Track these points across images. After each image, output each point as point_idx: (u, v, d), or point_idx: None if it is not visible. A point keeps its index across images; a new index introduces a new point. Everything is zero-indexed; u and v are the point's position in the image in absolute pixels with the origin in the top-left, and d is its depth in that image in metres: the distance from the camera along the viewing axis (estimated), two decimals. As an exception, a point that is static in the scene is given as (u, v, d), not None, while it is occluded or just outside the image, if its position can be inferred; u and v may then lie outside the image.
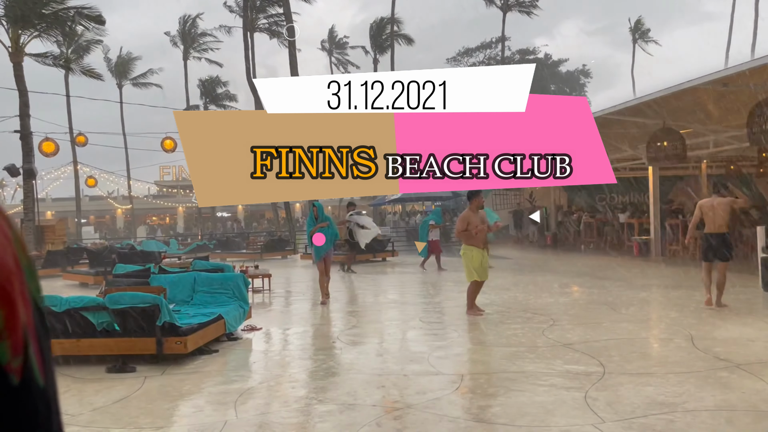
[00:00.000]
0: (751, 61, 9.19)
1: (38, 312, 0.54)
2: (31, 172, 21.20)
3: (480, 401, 4.58)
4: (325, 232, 9.57)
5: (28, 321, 0.52)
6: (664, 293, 10.01)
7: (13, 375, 0.49)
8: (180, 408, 4.72)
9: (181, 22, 43.81)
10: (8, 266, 0.50)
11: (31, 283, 0.54)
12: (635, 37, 53.19)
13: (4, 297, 0.49)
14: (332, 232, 9.77)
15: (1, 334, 0.48)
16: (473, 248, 8.21)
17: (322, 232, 9.56)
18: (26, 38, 21.12)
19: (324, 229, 9.57)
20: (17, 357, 0.50)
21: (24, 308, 0.51)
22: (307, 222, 10.04)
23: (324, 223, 9.63)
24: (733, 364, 5.39)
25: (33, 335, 0.52)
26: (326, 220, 9.73)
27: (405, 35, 44.61)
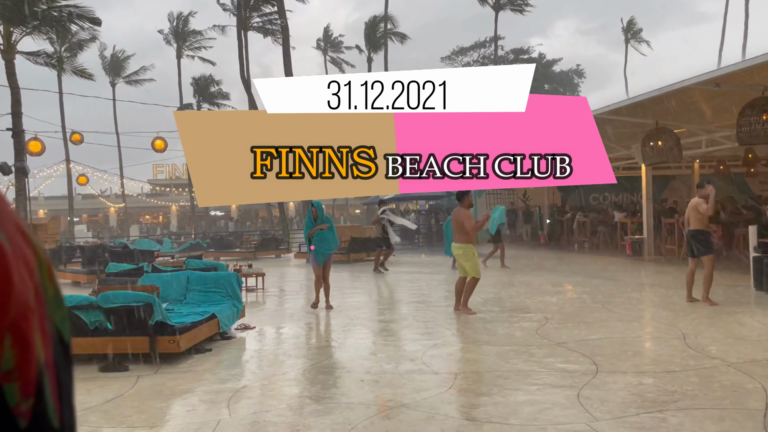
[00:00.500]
0: (743, 62, 9.25)
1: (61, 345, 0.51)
2: (24, 170, 21.09)
3: (473, 400, 4.59)
4: (325, 235, 8.89)
5: (47, 357, 0.48)
6: (657, 292, 10.06)
7: (22, 418, 0.46)
8: (173, 407, 4.71)
9: (171, 19, 43.61)
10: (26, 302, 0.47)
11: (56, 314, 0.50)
12: (627, 37, 53.40)
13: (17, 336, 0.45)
14: (332, 236, 9.01)
15: (10, 375, 0.45)
16: (471, 246, 8.31)
17: (322, 235, 8.87)
18: (18, 35, 20.99)
19: (324, 232, 8.88)
20: (28, 399, 0.46)
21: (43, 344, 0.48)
22: (305, 223, 9.22)
23: (324, 225, 8.88)
24: (725, 362, 5.42)
25: (51, 372, 0.49)
26: (326, 222, 8.96)
27: (399, 33, 44.65)
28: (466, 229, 8.22)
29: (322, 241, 8.91)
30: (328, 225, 8.91)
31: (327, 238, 8.93)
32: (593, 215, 21.63)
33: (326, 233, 8.90)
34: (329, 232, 8.91)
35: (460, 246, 8.37)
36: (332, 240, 9.04)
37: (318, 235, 8.85)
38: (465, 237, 8.28)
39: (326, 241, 8.95)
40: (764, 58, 8.50)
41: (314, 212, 8.85)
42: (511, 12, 46.98)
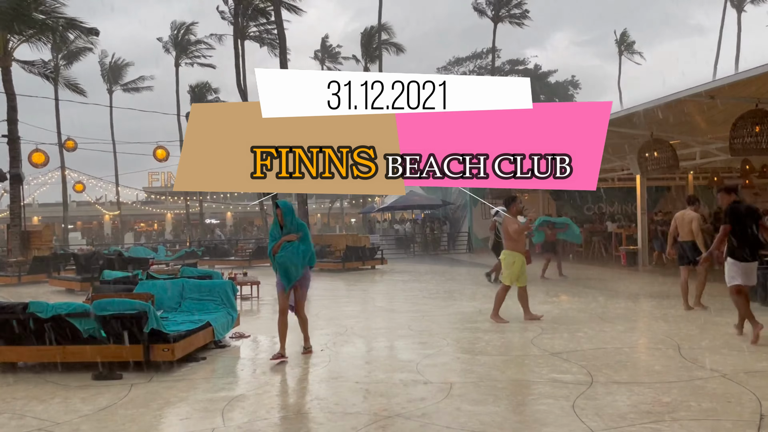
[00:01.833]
0: (736, 74, 9.33)
1: None
2: (18, 177, 21.04)
3: (468, 409, 4.58)
4: (294, 249, 6.23)
5: None
6: (652, 303, 10.07)
7: None
8: (167, 415, 4.68)
9: (173, 28, 43.74)
10: None
11: None
12: (621, 49, 53.78)
13: None
14: (305, 250, 6.30)
15: None
16: (516, 253, 8.41)
17: (291, 249, 6.22)
18: (14, 43, 20.99)
19: (293, 245, 6.24)
20: None
21: None
22: (270, 232, 6.48)
23: (292, 235, 6.26)
24: (719, 373, 5.43)
25: None
26: (298, 229, 6.32)
27: (395, 43, 44.84)
28: (512, 236, 8.36)
29: (290, 258, 6.23)
30: (300, 235, 6.29)
31: (297, 253, 6.23)
32: (587, 225, 21.72)
33: (296, 247, 6.25)
34: (302, 245, 6.28)
35: (507, 253, 8.49)
36: (305, 256, 6.30)
37: (285, 249, 6.23)
38: (512, 244, 8.41)
39: (296, 258, 6.23)
40: (757, 71, 8.59)
41: (279, 216, 6.29)
42: (509, 24, 47.22)
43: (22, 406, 4.94)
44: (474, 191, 28.98)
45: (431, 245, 28.70)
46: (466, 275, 16.70)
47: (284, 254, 6.27)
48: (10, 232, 21.00)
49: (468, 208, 27.20)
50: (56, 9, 20.78)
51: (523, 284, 8.53)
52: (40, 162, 23.24)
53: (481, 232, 27.18)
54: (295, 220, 6.40)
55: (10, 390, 5.42)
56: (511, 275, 8.45)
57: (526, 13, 46.72)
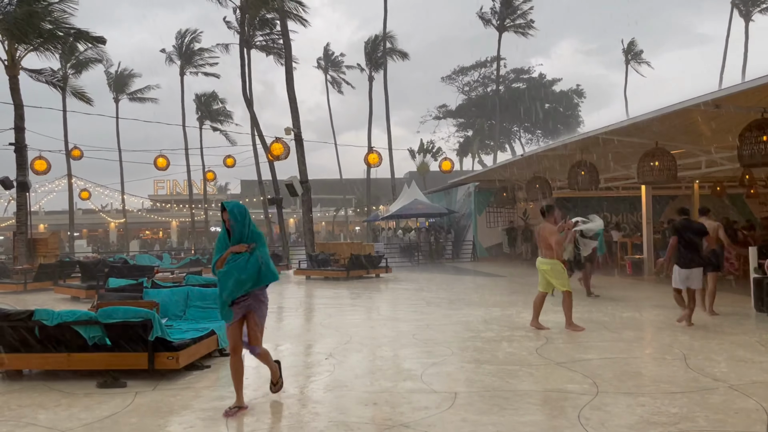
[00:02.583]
0: (742, 83, 9.30)
1: None
2: (25, 185, 21.16)
3: (473, 419, 4.56)
4: (241, 264, 4.80)
5: None
6: (657, 312, 10.02)
7: None
8: (171, 424, 4.68)
9: (178, 37, 44.03)
10: None
11: None
12: (628, 58, 53.79)
13: None
14: (257, 264, 4.83)
15: None
16: (558, 261, 8.41)
17: (239, 264, 4.80)
18: (22, 52, 21.17)
19: (242, 258, 4.81)
20: None
21: None
22: (216, 242, 5.03)
23: (242, 245, 4.82)
24: (726, 384, 5.39)
25: None
26: (252, 239, 4.89)
27: (399, 51, 44.95)
28: (551, 244, 8.31)
29: (236, 274, 4.79)
30: (252, 246, 4.86)
31: (246, 268, 4.80)
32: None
33: (246, 260, 4.81)
34: (255, 257, 4.84)
35: (547, 261, 8.41)
36: (258, 273, 4.85)
37: (231, 263, 4.81)
38: (551, 252, 8.36)
39: (244, 274, 4.79)
40: (763, 80, 8.56)
41: (226, 220, 4.88)
42: (514, 34, 47.32)
43: (28, 413, 4.95)
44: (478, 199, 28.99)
45: (436, 254, 28.67)
46: (470, 284, 16.66)
47: (229, 270, 4.80)
48: (16, 239, 21.10)
49: (473, 217, 27.19)
50: (64, 18, 20.96)
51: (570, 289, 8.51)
52: (42, 169, 23.40)
53: (485, 240, 27.15)
54: (248, 227, 4.90)
55: (16, 397, 5.42)
56: (564, 282, 8.41)
57: (531, 23, 46.84)
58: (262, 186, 37.94)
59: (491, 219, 27.21)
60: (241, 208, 4.95)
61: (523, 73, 57.91)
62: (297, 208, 45.19)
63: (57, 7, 20.77)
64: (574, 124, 57.61)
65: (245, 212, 4.95)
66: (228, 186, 65.75)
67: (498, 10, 46.48)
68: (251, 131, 36.35)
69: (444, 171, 27.39)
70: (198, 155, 45.22)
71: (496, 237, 27.10)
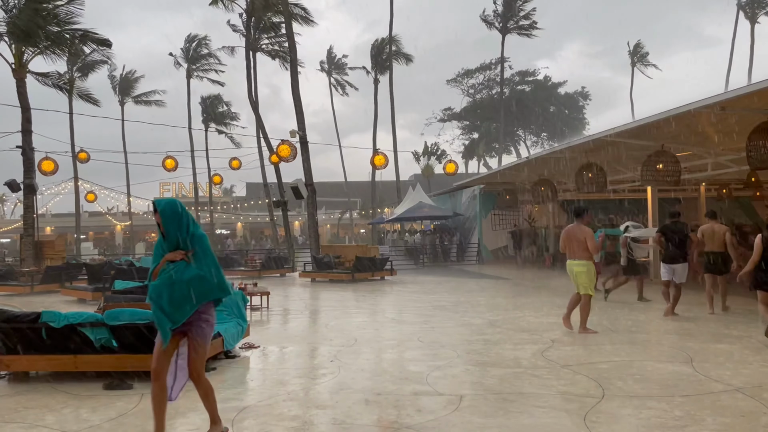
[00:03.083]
0: (748, 86, 9.27)
1: None
2: (32, 188, 21.26)
3: (478, 422, 4.55)
4: (176, 274, 3.99)
5: None
6: (663, 315, 9.97)
7: None
8: (176, 426, 4.69)
9: (187, 41, 44.20)
10: None
11: None
12: (634, 60, 53.69)
13: None
14: (198, 275, 4.01)
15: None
16: (592, 264, 8.47)
17: (171, 274, 3.99)
18: (29, 55, 21.28)
19: (176, 269, 4.00)
20: None
21: None
22: (154, 248, 4.23)
23: (178, 252, 4.02)
24: (732, 387, 5.37)
25: None
26: (195, 243, 4.07)
27: (405, 54, 45.00)
28: (587, 246, 8.33)
29: (171, 287, 3.99)
30: (191, 252, 4.04)
31: (184, 281, 3.98)
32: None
33: (183, 270, 4.00)
34: (195, 267, 4.03)
35: (582, 263, 8.43)
36: (200, 285, 4.02)
37: (167, 273, 4.01)
38: (587, 254, 8.38)
39: (181, 288, 3.97)
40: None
41: (159, 223, 4.07)
42: (517, 36, 47.31)
43: (34, 415, 4.97)
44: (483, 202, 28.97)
45: (441, 256, 28.65)
46: (476, 287, 16.64)
47: (160, 285, 3.99)
48: (23, 241, 21.21)
49: (478, 219, 27.16)
50: (71, 21, 21.07)
51: (593, 293, 8.56)
52: (49, 170, 23.49)
53: (491, 243, 27.12)
54: (187, 228, 4.05)
55: (23, 399, 5.45)
56: (592, 284, 8.50)
57: (534, 24, 46.82)
58: (268, 189, 38.02)
59: (496, 222, 27.18)
60: (176, 206, 4.10)
61: (528, 75, 57.87)
62: (302, 211, 45.21)
63: (63, 10, 20.89)
64: (579, 126, 57.54)
65: (181, 211, 4.08)
66: (233, 188, 65.96)
67: (500, 12, 46.48)
68: (257, 134, 36.45)
69: (448, 173, 27.40)
70: (204, 158, 45.41)
71: (501, 240, 27.07)
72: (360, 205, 55.08)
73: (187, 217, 4.11)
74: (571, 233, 8.52)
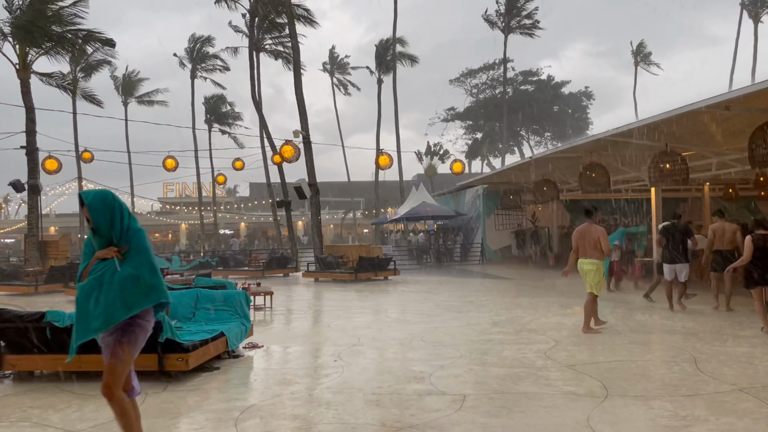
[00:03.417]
0: (752, 85, 9.24)
1: None
2: (36, 188, 21.34)
3: (482, 422, 4.55)
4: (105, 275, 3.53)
5: None
6: (668, 315, 9.96)
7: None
8: (180, 425, 4.70)
9: (191, 41, 44.25)
10: None
11: None
12: (637, 60, 53.58)
13: None
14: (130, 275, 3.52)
15: None
16: (602, 263, 8.50)
17: (99, 274, 3.54)
18: (33, 56, 21.35)
19: (105, 269, 3.54)
20: None
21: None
22: (85, 245, 3.75)
23: (110, 249, 3.56)
24: (737, 387, 5.36)
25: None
26: (126, 239, 3.61)
27: (409, 55, 44.99)
28: (599, 246, 8.37)
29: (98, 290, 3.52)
30: (123, 249, 3.58)
31: (113, 283, 3.50)
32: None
33: (111, 274, 3.52)
34: (128, 266, 3.55)
35: (593, 262, 8.45)
36: (133, 287, 3.53)
37: (94, 277, 3.55)
38: (598, 254, 8.42)
39: (109, 291, 3.51)
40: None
41: (87, 217, 3.58)
42: (520, 35, 47.23)
43: (38, 414, 4.98)
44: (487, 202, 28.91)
45: (444, 256, 28.64)
46: (479, 286, 16.63)
47: (87, 286, 3.54)
48: (27, 242, 21.28)
49: (481, 219, 27.14)
50: (74, 21, 21.14)
51: (598, 293, 8.53)
52: (53, 169, 23.57)
53: (494, 243, 27.09)
54: (120, 223, 3.59)
55: (27, 398, 5.47)
56: (600, 283, 8.50)
57: (537, 24, 46.74)
58: (271, 189, 38.07)
59: (500, 221, 27.15)
60: (106, 198, 3.60)
61: (531, 75, 57.76)
62: (306, 211, 45.26)
63: (67, 11, 20.95)
64: (583, 126, 57.44)
65: (113, 204, 3.59)
66: (237, 188, 66.04)
67: (503, 12, 46.43)
68: (260, 134, 36.50)
69: (455, 173, 27.38)
70: (207, 158, 45.48)
71: (504, 239, 27.04)
72: (363, 205, 55.09)
73: (120, 209, 3.63)
74: (584, 232, 8.56)
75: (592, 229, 8.51)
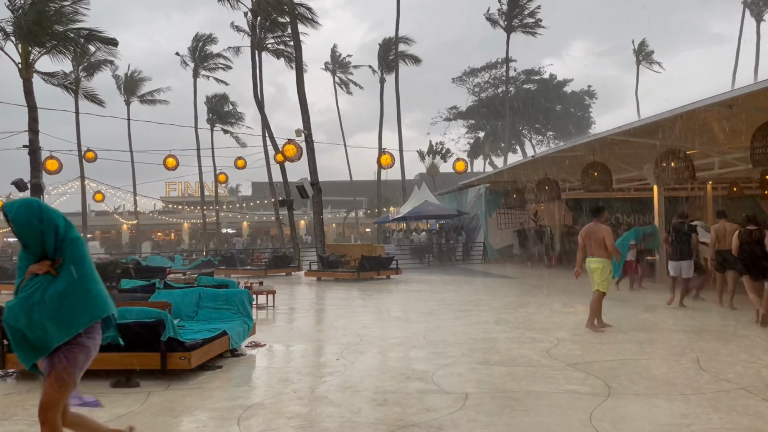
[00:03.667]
0: (755, 84, 9.22)
1: None
2: (39, 187, 21.35)
3: (484, 420, 4.55)
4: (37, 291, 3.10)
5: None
6: (670, 314, 9.96)
7: None
8: (183, 424, 4.71)
9: (194, 40, 44.29)
10: None
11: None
12: (639, 58, 53.47)
13: None
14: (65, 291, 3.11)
15: None
16: (608, 261, 8.53)
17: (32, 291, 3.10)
18: (36, 55, 21.37)
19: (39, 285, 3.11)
20: None
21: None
22: (18, 259, 3.26)
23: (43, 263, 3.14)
24: (739, 386, 5.35)
25: None
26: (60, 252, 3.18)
27: (411, 55, 44.96)
28: (606, 244, 8.42)
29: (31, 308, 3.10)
30: (57, 262, 3.17)
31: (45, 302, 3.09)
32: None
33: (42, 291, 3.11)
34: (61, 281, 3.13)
35: (599, 260, 8.50)
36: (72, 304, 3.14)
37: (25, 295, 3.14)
38: (605, 252, 8.46)
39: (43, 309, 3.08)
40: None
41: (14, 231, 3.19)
42: (522, 34, 47.15)
43: (42, 412, 4.99)
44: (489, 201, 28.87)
45: (446, 255, 28.63)
46: (481, 285, 16.63)
47: (20, 302, 3.13)
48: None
49: (483, 218, 27.12)
50: (76, 19, 21.15)
51: (605, 291, 8.56)
52: (53, 169, 23.62)
53: (496, 242, 27.07)
54: (52, 234, 3.18)
55: (29, 397, 5.48)
56: (607, 281, 8.53)
57: (539, 23, 46.64)
58: (273, 188, 38.08)
59: (502, 220, 27.13)
60: (31, 209, 3.17)
61: (533, 74, 57.64)
62: (308, 210, 45.28)
63: (68, 9, 20.96)
64: (585, 125, 57.33)
65: (41, 214, 3.17)
66: (239, 188, 66.10)
67: (505, 11, 46.36)
68: (262, 133, 36.50)
69: (458, 172, 27.36)
70: (209, 157, 45.52)
71: (507, 238, 27.02)
72: (365, 204, 55.09)
73: (50, 220, 3.18)
74: (590, 231, 8.60)
75: (598, 228, 8.55)
